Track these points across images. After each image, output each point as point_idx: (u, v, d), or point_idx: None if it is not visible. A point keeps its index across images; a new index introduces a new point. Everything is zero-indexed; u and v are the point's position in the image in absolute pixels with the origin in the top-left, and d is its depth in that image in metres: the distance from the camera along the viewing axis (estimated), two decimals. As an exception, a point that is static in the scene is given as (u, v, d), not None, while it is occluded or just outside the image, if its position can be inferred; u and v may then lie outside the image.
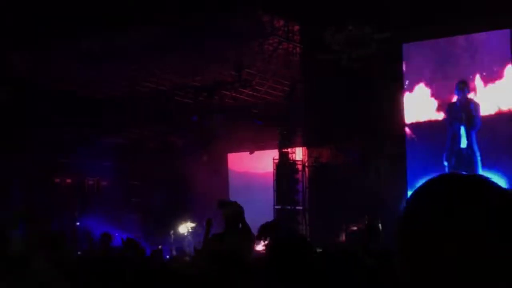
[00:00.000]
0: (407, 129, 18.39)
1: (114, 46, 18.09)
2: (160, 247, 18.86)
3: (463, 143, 17.53)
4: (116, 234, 16.03)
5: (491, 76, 17.29)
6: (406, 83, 18.38)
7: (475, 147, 17.43)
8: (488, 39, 17.43)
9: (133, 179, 25.97)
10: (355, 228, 17.68)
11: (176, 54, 19.70)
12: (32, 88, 20.88)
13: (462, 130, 17.54)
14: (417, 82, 18.32)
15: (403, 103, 18.31)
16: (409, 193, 17.70)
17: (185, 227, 24.23)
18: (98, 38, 17.85)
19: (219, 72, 22.19)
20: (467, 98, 17.56)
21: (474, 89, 17.51)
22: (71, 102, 22.60)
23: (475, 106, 17.52)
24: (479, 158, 17.21)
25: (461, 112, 17.59)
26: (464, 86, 17.52)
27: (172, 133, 25.89)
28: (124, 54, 18.71)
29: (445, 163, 17.60)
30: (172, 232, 24.45)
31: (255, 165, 26.04)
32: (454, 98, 17.73)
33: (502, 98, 17.14)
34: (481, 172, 16.60)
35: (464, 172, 1.30)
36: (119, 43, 18.06)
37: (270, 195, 20.90)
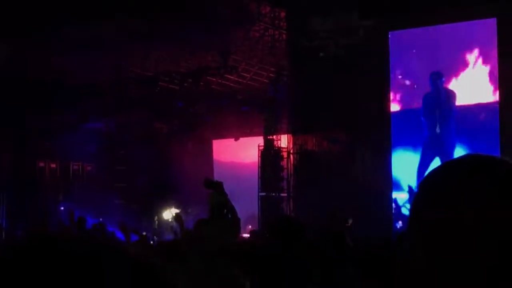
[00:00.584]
0: (393, 116, 18.43)
1: (98, 33, 17.98)
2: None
3: (438, 132, 17.67)
4: (88, 218, 16.03)
5: (476, 64, 17.35)
6: (392, 71, 18.41)
7: (452, 137, 17.54)
8: (474, 28, 17.47)
9: (118, 165, 25.91)
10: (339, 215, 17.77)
11: (162, 40, 19.62)
12: (16, 76, 20.76)
13: (437, 121, 17.68)
14: (403, 70, 18.36)
15: (389, 91, 18.34)
16: (393, 181, 17.80)
17: (169, 213, 24.23)
18: (82, 25, 17.74)
19: (205, 58, 22.14)
20: (442, 89, 17.65)
21: (456, 77, 17.58)
22: (56, 88, 22.52)
23: (450, 95, 17.61)
24: (455, 148, 17.30)
25: (435, 103, 17.70)
26: (436, 78, 17.61)
27: (157, 119, 25.84)
28: (108, 41, 18.61)
29: (424, 153, 17.73)
30: (156, 218, 24.46)
31: (240, 151, 26.04)
32: (429, 89, 17.86)
33: (485, 87, 17.22)
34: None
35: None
36: (103, 30, 17.95)
37: (254, 182, 20.92)
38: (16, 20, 17.00)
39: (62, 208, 24.08)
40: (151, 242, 15.66)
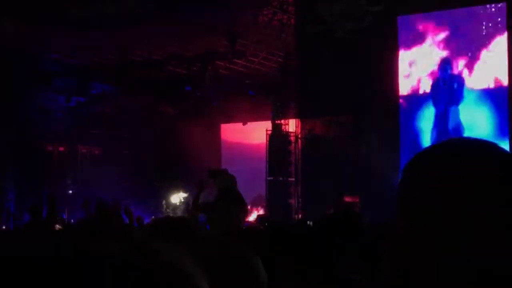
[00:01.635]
0: (401, 101, 18.38)
1: (106, 14, 17.94)
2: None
3: (447, 122, 17.66)
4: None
5: (486, 49, 17.26)
6: (401, 55, 18.35)
7: (459, 124, 17.50)
8: (484, 12, 17.36)
9: (125, 149, 25.95)
10: (348, 200, 17.77)
11: (170, 24, 19.58)
12: (21, 56, 20.80)
13: (445, 107, 17.65)
14: (412, 55, 18.30)
15: (397, 75, 18.28)
16: (402, 166, 17.74)
17: (177, 197, 24.29)
18: (90, 6, 17.71)
19: (213, 43, 22.09)
20: (451, 75, 17.59)
21: (467, 65, 17.50)
22: (62, 69, 22.59)
23: (459, 82, 17.55)
24: (463, 134, 17.26)
25: (444, 90, 17.64)
26: (445, 65, 17.55)
27: (164, 103, 25.84)
28: (115, 23, 18.57)
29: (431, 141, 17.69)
30: (164, 202, 24.52)
31: (248, 136, 26.04)
32: (437, 76, 17.82)
33: (498, 70, 17.14)
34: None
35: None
36: (111, 11, 17.90)
37: (262, 166, 20.93)
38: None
39: (70, 192, 24.15)
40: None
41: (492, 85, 17.23)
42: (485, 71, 17.21)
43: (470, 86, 17.44)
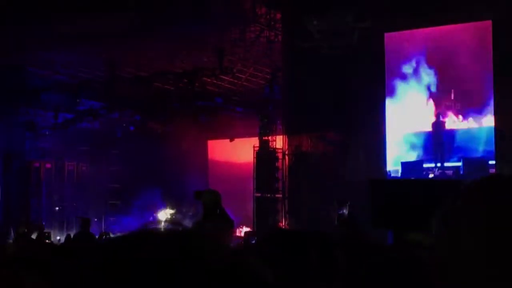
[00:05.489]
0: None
1: (93, 30, 17.93)
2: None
3: (442, 136, 17.84)
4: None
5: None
6: (388, 71, 18.44)
7: (454, 140, 17.67)
8: (469, 30, 17.50)
9: (113, 165, 25.87)
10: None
11: (157, 40, 19.60)
12: (9, 71, 20.78)
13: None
14: (397, 71, 18.40)
15: (384, 92, 18.36)
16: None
17: (164, 214, 24.22)
18: (77, 22, 17.69)
19: (200, 59, 22.12)
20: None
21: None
22: (50, 85, 22.56)
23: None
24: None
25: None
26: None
27: (152, 119, 25.81)
28: (103, 39, 18.57)
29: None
30: (151, 219, 24.43)
31: (235, 152, 26.03)
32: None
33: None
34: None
35: None
36: (98, 28, 17.89)
37: (249, 183, 20.92)
38: (10, 13, 16.89)
39: (57, 209, 24.06)
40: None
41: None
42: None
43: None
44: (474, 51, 17.24)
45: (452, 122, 17.86)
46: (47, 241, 16.00)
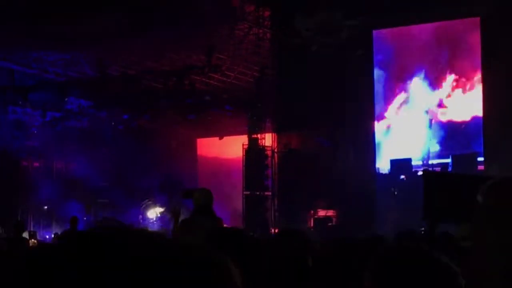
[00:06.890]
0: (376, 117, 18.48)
1: (81, 29, 17.86)
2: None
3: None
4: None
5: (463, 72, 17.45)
6: (376, 67, 18.46)
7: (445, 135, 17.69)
8: (458, 27, 17.53)
9: (101, 163, 25.77)
10: (323, 214, 17.78)
11: (146, 38, 19.53)
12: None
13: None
14: (386, 67, 18.43)
15: (373, 89, 18.38)
16: (377, 180, 17.81)
17: (153, 212, 24.15)
18: (65, 22, 17.62)
19: (189, 57, 22.06)
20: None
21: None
22: (38, 84, 22.46)
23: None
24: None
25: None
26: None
27: (141, 117, 25.73)
28: (92, 37, 18.50)
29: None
30: (140, 217, 24.37)
31: (225, 150, 25.99)
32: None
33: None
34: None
35: None
36: (87, 26, 17.82)
37: (239, 180, 20.89)
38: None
39: (45, 207, 23.96)
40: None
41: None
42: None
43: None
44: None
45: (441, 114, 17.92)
46: (32, 240, 15.93)
